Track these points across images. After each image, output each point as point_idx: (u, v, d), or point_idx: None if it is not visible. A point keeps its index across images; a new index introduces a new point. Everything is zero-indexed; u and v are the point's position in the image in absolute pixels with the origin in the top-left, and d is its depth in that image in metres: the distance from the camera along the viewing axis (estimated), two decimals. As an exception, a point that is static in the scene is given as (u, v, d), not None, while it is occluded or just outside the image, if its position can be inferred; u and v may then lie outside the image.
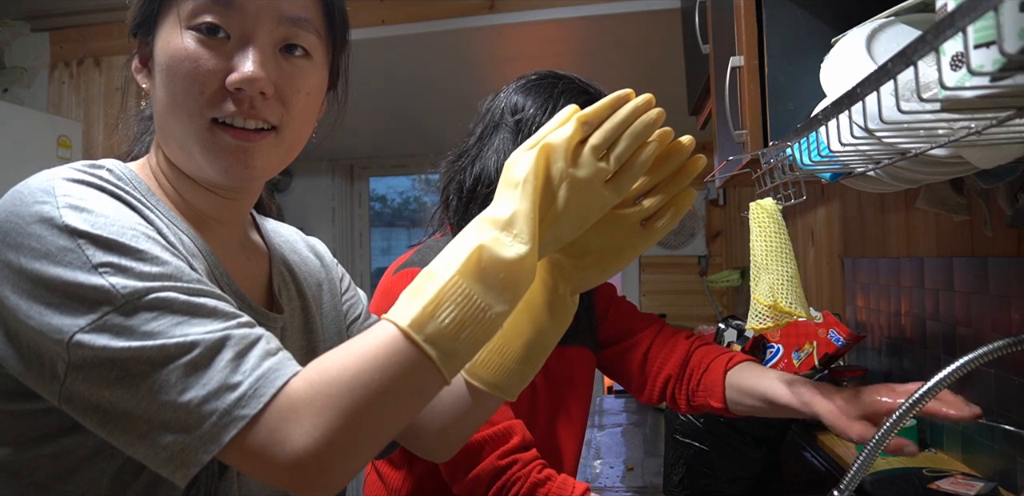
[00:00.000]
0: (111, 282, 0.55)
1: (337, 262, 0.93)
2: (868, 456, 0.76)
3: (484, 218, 0.62)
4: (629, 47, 2.71)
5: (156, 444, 0.54)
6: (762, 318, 0.91)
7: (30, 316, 0.55)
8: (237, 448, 0.54)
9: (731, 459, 1.37)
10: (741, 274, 3.57)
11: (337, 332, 0.87)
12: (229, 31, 0.65)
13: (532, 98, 1.12)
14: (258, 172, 0.68)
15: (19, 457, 0.61)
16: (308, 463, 0.55)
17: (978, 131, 0.56)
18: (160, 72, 0.66)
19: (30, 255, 0.56)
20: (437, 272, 0.59)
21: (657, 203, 0.69)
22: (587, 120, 0.63)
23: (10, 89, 2.91)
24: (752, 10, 1.06)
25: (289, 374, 0.57)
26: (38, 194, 0.58)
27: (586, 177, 0.62)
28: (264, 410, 0.55)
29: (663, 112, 0.63)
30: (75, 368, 0.54)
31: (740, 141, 1.11)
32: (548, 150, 0.62)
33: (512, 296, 0.60)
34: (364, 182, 4.93)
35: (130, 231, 0.58)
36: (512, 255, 0.59)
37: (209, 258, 0.68)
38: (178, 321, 0.55)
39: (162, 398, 0.54)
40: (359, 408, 0.56)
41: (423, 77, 3.05)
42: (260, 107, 0.65)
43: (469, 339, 0.59)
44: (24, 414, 0.61)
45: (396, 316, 0.58)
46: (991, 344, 0.72)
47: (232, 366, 0.55)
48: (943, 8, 0.54)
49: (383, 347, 0.57)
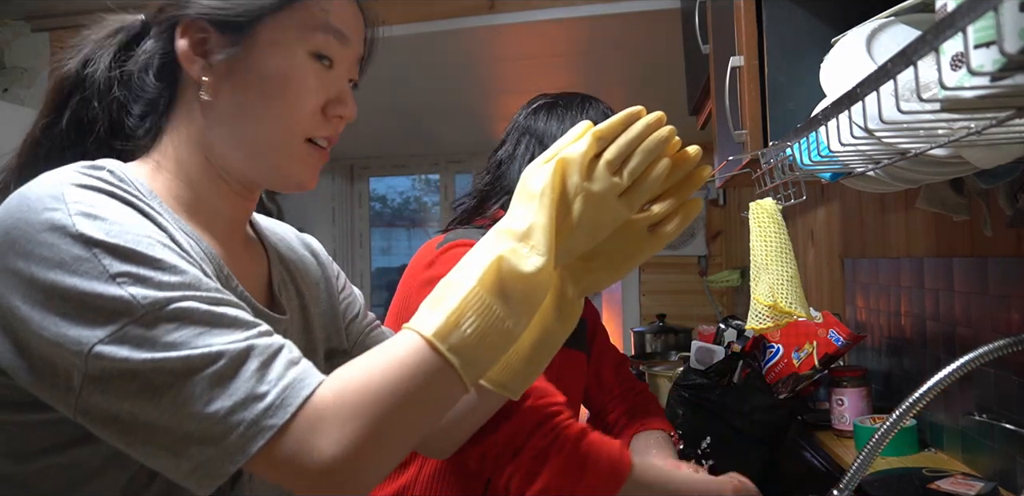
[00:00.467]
0: (131, 292, 0.54)
1: (332, 259, 0.93)
2: (868, 456, 0.76)
3: (502, 229, 0.63)
4: (629, 47, 2.71)
5: (180, 455, 0.54)
6: (762, 318, 0.91)
7: (44, 327, 0.54)
8: (265, 458, 0.54)
9: (731, 459, 1.37)
10: (741, 274, 3.57)
11: (336, 331, 0.87)
12: (334, 62, 0.72)
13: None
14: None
15: (27, 468, 0.61)
16: (336, 472, 0.55)
17: (978, 131, 0.56)
18: (257, 81, 0.69)
19: (42, 264, 0.55)
20: (457, 282, 0.61)
21: (665, 210, 0.70)
22: (602, 135, 0.64)
23: (10, 89, 2.91)
24: (752, 10, 1.06)
25: (315, 383, 0.57)
26: (47, 200, 0.57)
27: (600, 191, 0.64)
28: (292, 420, 0.55)
29: (674, 129, 0.65)
30: (93, 380, 0.53)
31: (740, 141, 1.11)
32: (564, 164, 0.64)
33: (529, 307, 0.62)
34: (364, 182, 4.93)
35: (145, 239, 0.58)
36: (530, 267, 0.61)
37: (215, 260, 0.68)
38: (200, 331, 0.55)
39: (187, 409, 0.53)
40: (385, 417, 0.56)
41: (423, 77, 3.05)
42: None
43: (490, 348, 0.60)
44: (33, 425, 0.60)
45: (420, 326, 0.59)
46: (991, 344, 0.72)
47: (258, 376, 0.55)
48: (943, 8, 0.54)
49: (408, 356, 0.58)
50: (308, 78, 0.70)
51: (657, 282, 4.19)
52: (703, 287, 4.04)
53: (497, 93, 3.42)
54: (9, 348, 0.57)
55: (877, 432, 0.76)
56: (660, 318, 3.09)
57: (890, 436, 0.76)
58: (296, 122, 0.70)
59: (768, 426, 1.40)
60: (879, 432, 0.76)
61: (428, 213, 5.31)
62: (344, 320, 0.89)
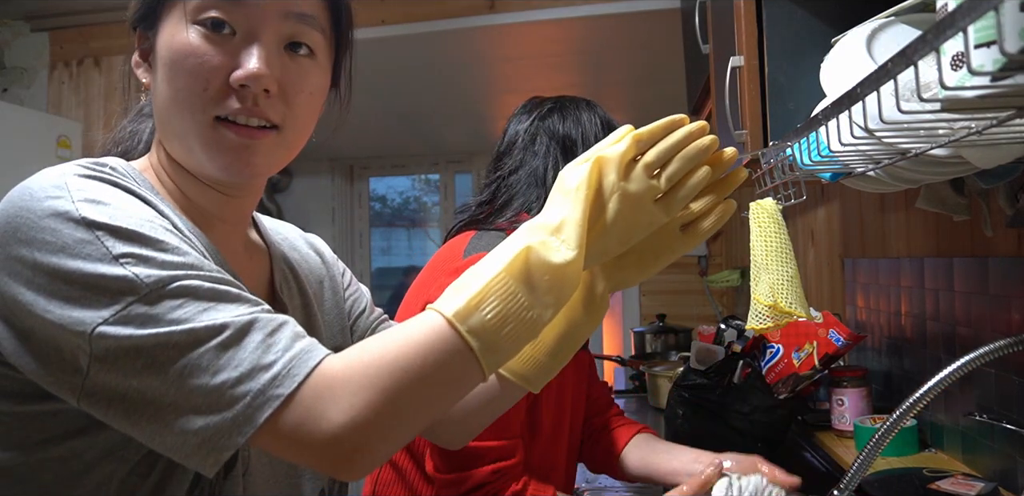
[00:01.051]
0: (134, 272, 0.54)
1: (337, 258, 0.93)
2: (868, 456, 0.76)
3: (534, 223, 0.63)
4: (629, 47, 2.71)
5: (186, 431, 0.54)
6: (762, 318, 0.91)
7: (48, 310, 0.54)
8: (271, 428, 0.54)
9: (731, 459, 1.37)
10: (741, 274, 3.57)
11: (341, 329, 0.87)
12: (235, 27, 0.65)
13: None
14: (259, 169, 0.68)
15: (25, 460, 0.61)
16: (343, 441, 0.54)
17: (978, 131, 0.56)
18: (162, 67, 0.66)
19: (45, 249, 0.55)
20: (484, 269, 0.60)
21: (702, 208, 0.70)
22: (641, 138, 0.64)
23: (10, 89, 2.91)
24: (752, 10, 1.06)
25: (322, 354, 0.57)
26: (50, 189, 0.57)
27: (636, 192, 0.63)
28: (299, 389, 0.54)
29: (716, 139, 0.65)
30: (98, 360, 0.54)
31: (740, 141, 1.11)
32: (601, 162, 0.64)
33: (555, 299, 0.61)
34: (364, 182, 4.93)
35: (148, 223, 0.58)
36: (559, 259, 0.60)
37: (215, 257, 0.68)
38: (204, 307, 0.55)
39: (193, 382, 0.53)
40: (397, 390, 0.56)
41: (423, 77, 3.05)
42: (263, 105, 0.65)
43: (511, 335, 0.59)
44: (31, 416, 0.60)
45: (441, 306, 0.59)
46: (991, 344, 0.72)
47: (264, 347, 0.55)
48: (943, 8, 0.54)
49: (426, 334, 0.58)
50: (200, 50, 0.64)
51: (657, 282, 4.18)
52: (703, 287, 4.04)
53: (497, 93, 3.42)
54: (12, 338, 0.57)
55: (877, 432, 0.76)
56: (660, 318, 3.09)
57: (890, 436, 0.76)
58: (196, 99, 0.64)
59: (768, 426, 1.40)
60: (879, 432, 0.76)
61: (428, 213, 5.31)
62: (350, 318, 0.89)
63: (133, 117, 0.79)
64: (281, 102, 0.67)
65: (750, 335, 1.66)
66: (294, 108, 0.68)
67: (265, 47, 0.65)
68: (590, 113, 1.23)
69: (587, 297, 0.72)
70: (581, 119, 1.22)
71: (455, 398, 0.61)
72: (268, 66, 0.64)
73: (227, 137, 0.65)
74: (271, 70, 0.65)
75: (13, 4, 2.78)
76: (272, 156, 0.68)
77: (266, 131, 0.67)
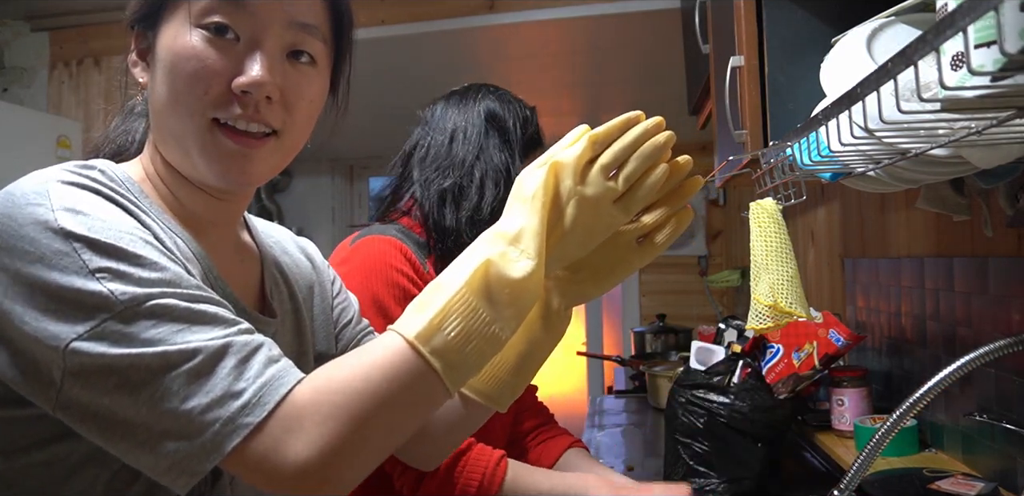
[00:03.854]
0: (109, 288, 0.54)
1: (328, 264, 0.93)
2: (868, 456, 0.76)
3: (493, 232, 0.63)
4: (629, 47, 2.71)
5: (157, 452, 0.54)
6: (762, 318, 0.91)
7: (25, 321, 0.54)
8: (240, 457, 0.54)
9: (731, 459, 1.37)
10: (741, 274, 3.57)
11: (327, 336, 0.86)
12: (238, 33, 0.65)
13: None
14: (255, 178, 0.68)
15: (9, 465, 0.61)
16: (311, 473, 0.54)
17: (978, 131, 0.56)
18: (162, 68, 0.65)
19: (24, 259, 0.55)
20: (444, 285, 0.60)
21: (655, 220, 0.69)
22: (597, 140, 0.63)
23: (10, 89, 2.91)
24: (752, 10, 1.06)
25: (293, 381, 0.57)
26: (31, 196, 0.57)
27: (594, 195, 0.63)
28: (268, 418, 0.54)
29: (673, 135, 0.64)
30: (72, 375, 0.54)
31: (740, 141, 1.11)
32: (558, 168, 0.63)
33: (517, 312, 0.61)
34: (364, 182, 4.92)
35: (127, 235, 0.57)
36: (519, 272, 0.60)
37: (204, 262, 0.67)
38: (179, 328, 0.55)
39: (164, 406, 0.53)
40: (363, 418, 0.56)
41: (423, 77, 3.05)
42: (264, 111, 0.65)
43: (474, 352, 0.59)
44: (13, 421, 0.60)
45: (403, 328, 0.59)
46: (991, 344, 0.72)
47: (235, 373, 0.55)
48: (943, 8, 0.54)
49: (389, 358, 0.57)
50: (203, 54, 0.63)
51: (657, 282, 4.19)
52: (703, 287, 4.04)
53: (497, 93, 3.41)
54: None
55: (877, 432, 0.76)
56: (660, 318, 3.09)
57: (890, 436, 0.76)
58: (196, 102, 0.64)
59: (768, 426, 1.40)
60: (879, 432, 0.76)
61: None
62: (336, 326, 0.88)
63: (125, 116, 0.78)
64: (281, 109, 0.67)
65: (750, 335, 1.66)
66: (294, 115, 0.68)
67: (268, 54, 0.65)
68: (472, 100, 1.29)
69: (544, 313, 0.72)
70: (461, 106, 1.29)
71: (422, 418, 0.62)
72: (271, 73, 0.65)
73: (225, 144, 0.65)
74: (273, 77, 0.65)
75: (13, 4, 2.78)
76: (268, 163, 0.68)
77: (265, 138, 0.67)
